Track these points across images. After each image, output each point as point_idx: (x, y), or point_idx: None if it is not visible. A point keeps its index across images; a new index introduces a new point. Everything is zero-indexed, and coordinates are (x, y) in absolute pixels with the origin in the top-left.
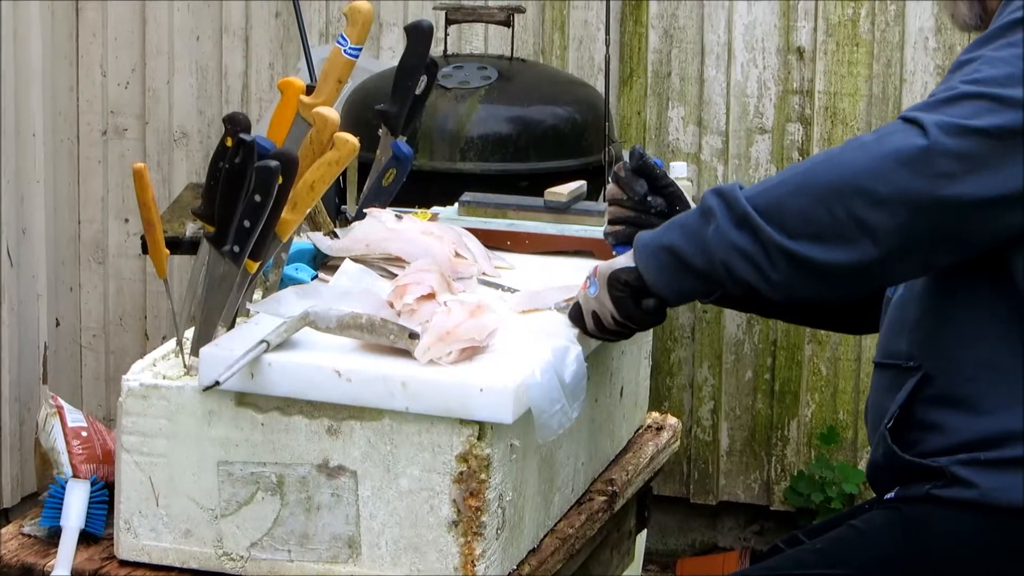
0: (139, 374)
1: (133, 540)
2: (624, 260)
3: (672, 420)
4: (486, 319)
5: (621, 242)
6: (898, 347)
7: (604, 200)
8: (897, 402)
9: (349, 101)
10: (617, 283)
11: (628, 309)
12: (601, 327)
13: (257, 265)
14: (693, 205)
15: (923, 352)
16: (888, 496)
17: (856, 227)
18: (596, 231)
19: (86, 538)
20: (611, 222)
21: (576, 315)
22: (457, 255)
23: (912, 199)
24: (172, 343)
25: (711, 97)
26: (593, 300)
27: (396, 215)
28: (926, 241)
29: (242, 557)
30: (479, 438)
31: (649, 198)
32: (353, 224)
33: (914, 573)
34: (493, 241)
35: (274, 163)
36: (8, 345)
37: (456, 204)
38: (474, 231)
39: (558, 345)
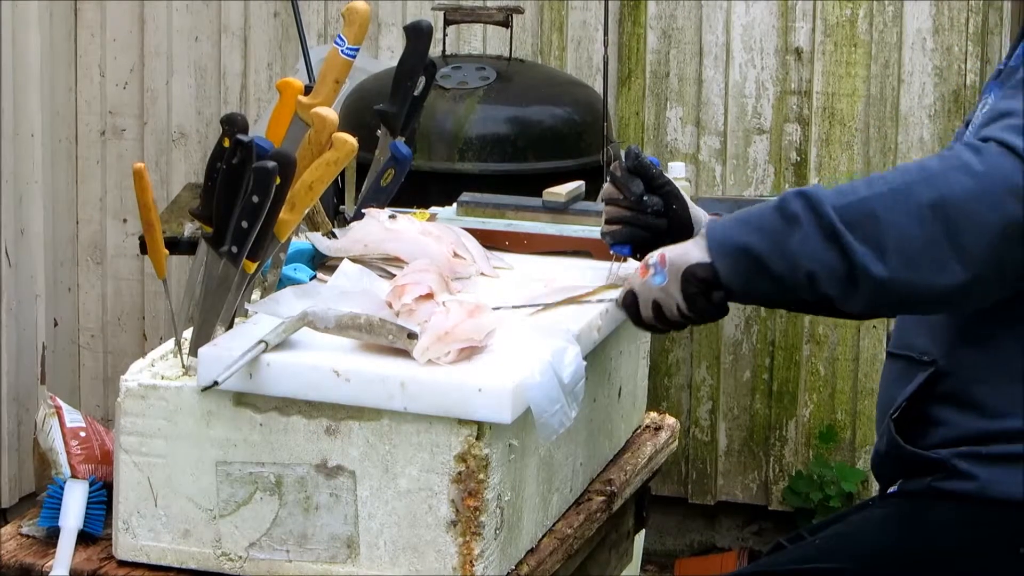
0: (137, 374)
1: (131, 540)
2: (697, 253)
3: (670, 420)
4: (484, 319)
5: (619, 242)
6: (915, 340)
7: (601, 200)
8: (905, 394)
9: (347, 101)
10: (693, 279)
11: (700, 305)
12: (661, 318)
13: (255, 265)
14: (691, 203)
15: (939, 348)
16: (890, 490)
17: (952, 251)
18: (594, 231)
19: (84, 538)
20: (608, 222)
21: (630, 303)
22: (455, 255)
23: (1017, 227)
24: (171, 343)
25: (709, 97)
26: (658, 290)
27: (390, 215)
28: (1019, 267)
29: (241, 557)
30: (477, 438)
31: (645, 197)
32: (351, 224)
33: (913, 565)
34: (491, 241)
35: (272, 163)
36: (6, 345)
37: (454, 204)
38: (472, 231)
39: (557, 345)
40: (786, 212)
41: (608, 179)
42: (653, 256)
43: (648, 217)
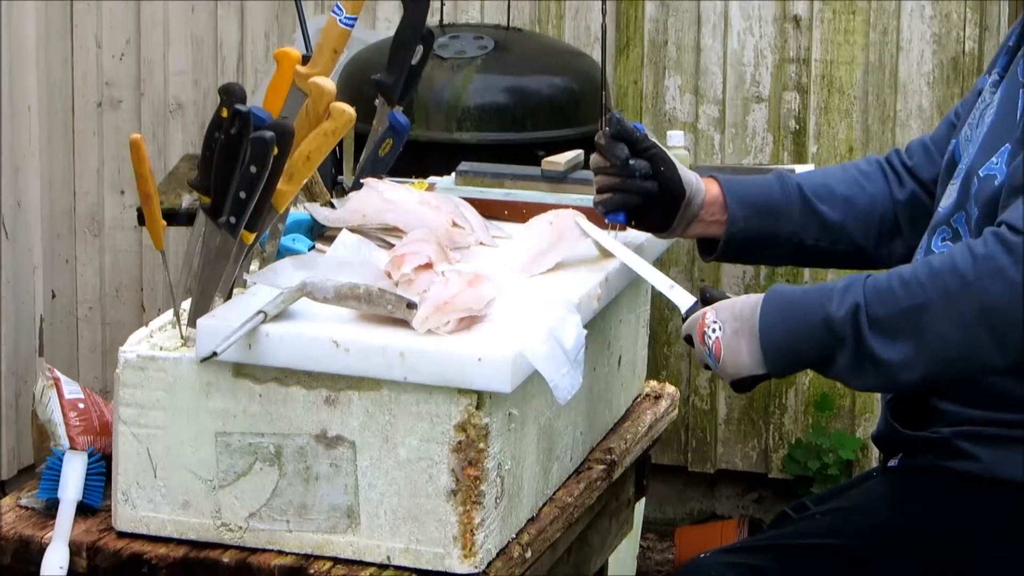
0: (136, 346)
1: (131, 512)
2: (750, 364)
3: (670, 389)
4: (484, 289)
5: (611, 210)
6: None
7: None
8: None
9: (345, 71)
10: (744, 386)
11: (742, 390)
12: (705, 366)
13: (253, 236)
14: (679, 165)
15: None
16: (891, 463)
17: (995, 350)
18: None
19: (83, 510)
20: (599, 191)
21: (689, 340)
22: (454, 225)
23: None
24: (169, 314)
25: (707, 66)
26: (706, 363)
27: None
28: None
29: (240, 528)
30: (477, 407)
31: (632, 162)
32: (350, 195)
33: (914, 543)
34: (490, 211)
35: (269, 134)
36: (4, 318)
37: (453, 174)
38: (471, 201)
39: (557, 314)
40: (835, 330)
41: (595, 148)
42: (710, 331)
43: (636, 181)
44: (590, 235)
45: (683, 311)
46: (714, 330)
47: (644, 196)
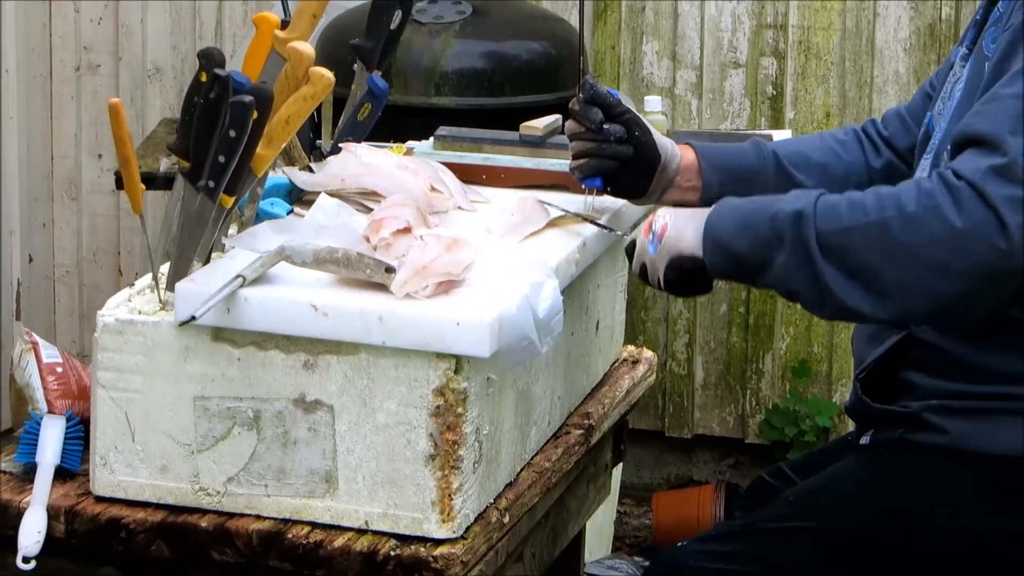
0: (115, 309)
1: (109, 476)
2: (691, 243)
3: (648, 353)
4: (462, 253)
5: (587, 175)
6: None
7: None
8: (874, 356)
9: (324, 36)
10: (679, 268)
11: (676, 289)
12: (645, 280)
13: (232, 200)
14: (655, 132)
15: None
16: (863, 440)
17: (922, 293)
18: None
19: (62, 474)
20: (574, 156)
21: (630, 252)
22: (433, 189)
23: (991, 278)
24: (148, 278)
25: (685, 31)
26: (648, 257)
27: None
28: (987, 301)
29: (219, 492)
30: (456, 372)
31: (606, 126)
32: (328, 159)
33: (886, 519)
34: (469, 175)
35: (249, 98)
36: None
37: (431, 138)
38: (450, 165)
39: (535, 279)
40: (776, 227)
41: (569, 115)
42: (659, 219)
43: (611, 145)
44: (555, 214)
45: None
46: (664, 217)
47: (620, 160)
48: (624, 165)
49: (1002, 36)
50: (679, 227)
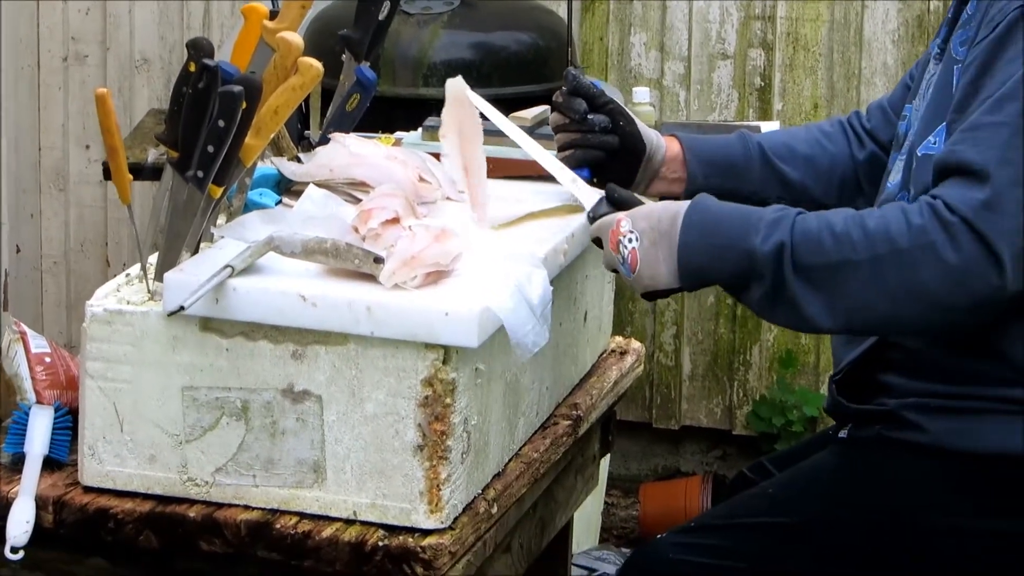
0: (103, 300)
1: (97, 466)
2: (666, 278)
3: (636, 344)
4: (451, 244)
5: (574, 167)
6: None
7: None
8: (849, 358)
9: (312, 27)
10: (655, 296)
11: (651, 299)
12: (613, 271)
13: (221, 190)
14: (639, 123)
15: None
16: (841, 435)
17: (918, 324)
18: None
19: (50, 464)
20: (560, 149)
21: (598, 242)
22: (421, 180)
23: (983, 309)
24: (136, 268)
25: (673, 23)
26: (620, 270)
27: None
28: (979, 325)
29: (207, 483)
30: (444, 362)
31: (590, 116)
32: (317, 149)
33: (863, 515)
34: None
35: (238, 88)
36: None
37: (420, 129)
38: (438, 156)
39: (523, 270)
40: (756, 265)
41: (552, 108)
42: (625, 239)
43: (596, 135)
44: (479, 106)
45: (587, 208)
46: (630, 239)
47: (605, 150)
48: (610, 156)
49: (973, 49)
50: (649, 261)
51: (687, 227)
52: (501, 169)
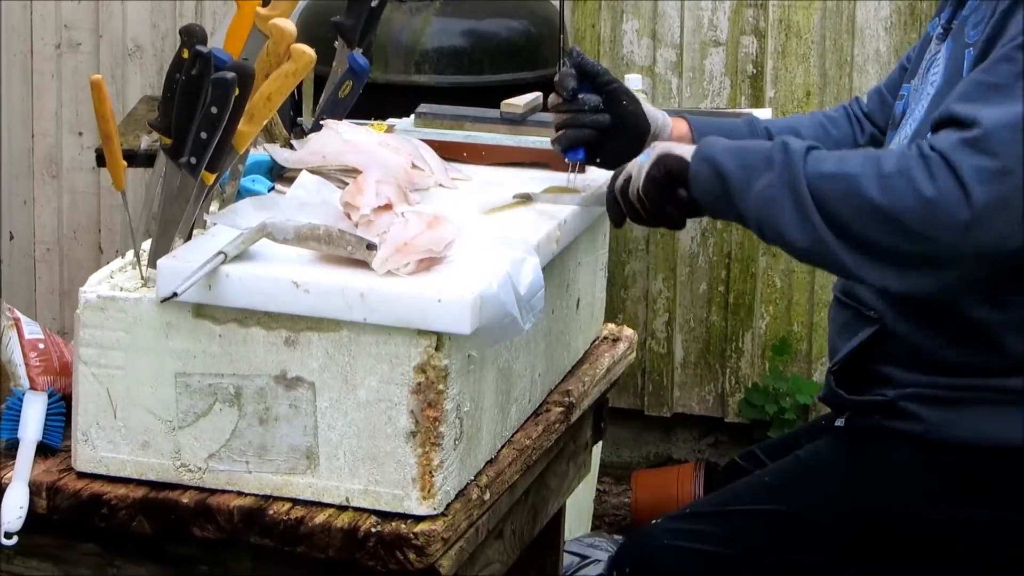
0: (96, 286)
1: (91, 452)
2: (682, 151)
3: (628, 331)
4: (444, 230)
5: (567, 147)
6: (860, 290)
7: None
8: (848, 348)
9: (305, 13)
10: (663, 165)
11: (653, 200)
12: (624, 192)
13: (214, 177)
14: (647, 104)
15: (884, 305)
16: (838, 423)
17: (885, 250)
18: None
19: (43, 450)
20: (556, 129)
21: (615, 172)
22: (414, 167)
23: (949, 246)
24: (129, 255)
25: (665, 10)
26: (636, 165)
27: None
28: (950, 276)
29: (200, 468)
30: (437, 349)
31: (581, 95)
32: (309, 136)
33: (858, 504)
34: (449, 153)
35: (230, 75)
36: None
37: (412, 116)
38: (430, 143)
39: (516, 256)
40: (768, 155)
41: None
42: (651, 150)
43: (587, 115)
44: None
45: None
46: (653, 147)
47: (598, 130)
48: (606, 134)
49: (984, 32)
50: (674, 143)
51: (711, 141)
52: (494, 156)
